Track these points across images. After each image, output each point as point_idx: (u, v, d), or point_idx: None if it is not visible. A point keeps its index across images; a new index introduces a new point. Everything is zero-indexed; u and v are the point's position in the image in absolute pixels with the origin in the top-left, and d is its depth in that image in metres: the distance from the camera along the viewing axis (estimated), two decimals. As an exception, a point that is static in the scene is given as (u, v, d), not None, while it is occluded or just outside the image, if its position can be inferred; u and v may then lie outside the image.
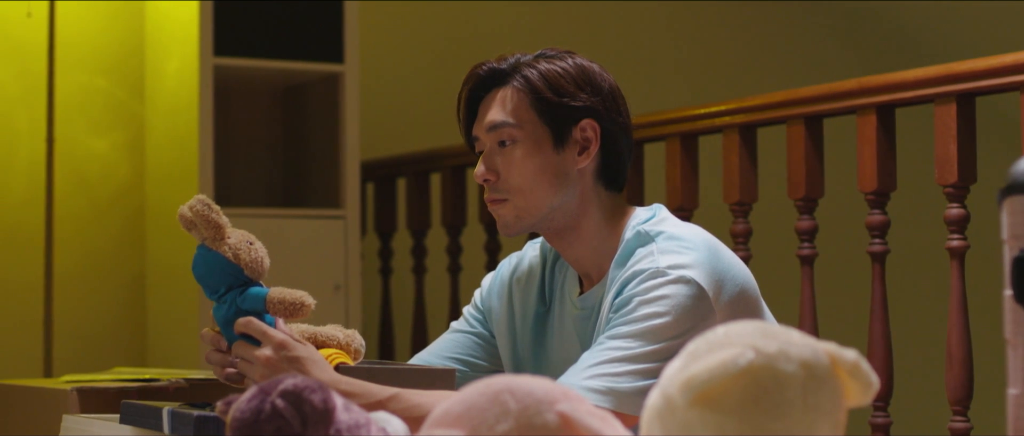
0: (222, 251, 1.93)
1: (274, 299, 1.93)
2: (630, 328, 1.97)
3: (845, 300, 4.44)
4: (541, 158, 2.11)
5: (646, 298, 1.98)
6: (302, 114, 4.35)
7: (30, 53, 4.21)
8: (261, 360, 1.92)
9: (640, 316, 1.98)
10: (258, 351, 1.93)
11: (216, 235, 1.94)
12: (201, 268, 1.96)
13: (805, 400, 1.29)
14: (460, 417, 1.32)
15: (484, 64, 2.17)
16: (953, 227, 2.84)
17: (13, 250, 4.25)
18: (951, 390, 2.81)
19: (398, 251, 4.63)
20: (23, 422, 2.55)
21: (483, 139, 2.15)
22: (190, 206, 1.94)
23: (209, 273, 1.95)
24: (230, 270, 1.94)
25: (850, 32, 5.71)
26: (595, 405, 1.89)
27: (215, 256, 1.94)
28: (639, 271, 2.01)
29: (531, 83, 2.12)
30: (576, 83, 2.13)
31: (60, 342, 4.15)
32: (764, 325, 1.33)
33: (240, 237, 1.95)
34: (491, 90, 2.15)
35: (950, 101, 2.85)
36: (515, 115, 2.11)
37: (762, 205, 3.50)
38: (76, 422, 2.11)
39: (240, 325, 1.95)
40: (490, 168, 2.13)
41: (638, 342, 1.96)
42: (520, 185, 2.11)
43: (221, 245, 1.93)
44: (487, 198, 2.14)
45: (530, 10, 5.12)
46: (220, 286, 1.95)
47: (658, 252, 2.03)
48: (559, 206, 2.12)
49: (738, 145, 3.33)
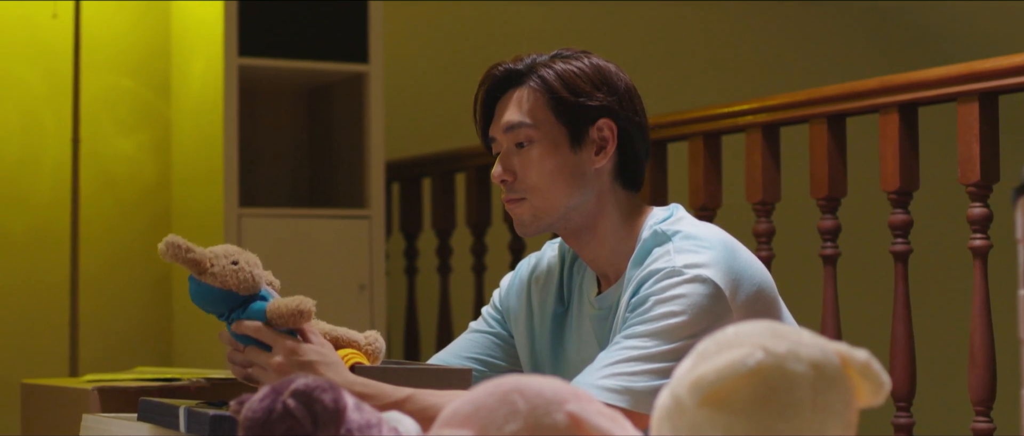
0: (210, 282, 1.97)
1: (273, 314, 1.97)
2: (646, 327, 1.97)
3: (868, 300, 4.42)
4: (558, 158, 2.11)
5: (662, 297, 1.98)
6: (327, 114, 4.36)
7: (56, 54, 4.23)
8: (273, 366, 1.95)
9: (656, 315, 1.97)
10: (270, 357, 1.96)
11: (198, 270, 1.97)
12: (198, 299, 2.00)
13: (815, 400, 1.28)
14: (469, 417, 1.32)
15: (500, 65, 2.17)
16: (976, 226, 2.83)
17: (40, 250, 4.27)
18: (974, 390, 2.79)
19: (423, 251, 4.63)
20: (47, 421, 2.56)
21: (500, 140, 2.15)
22: (162, 252, 1.97)
23: (206, 302, 1.99)
24: (223, 297, 1.97)
25: (877, 32, 5.69)
26: (611, 404, 1.89)
27: (205, 287, 1.97)
28: (655, 270, 2.01)
29: (547, 83, 2.12)
30: (592, 83, 2.13)
31: (86, 342, 4.16)
32: (774, 325, 1.33)
33: (223, 262, 1.98)
34: (507, 91, 2.16)
35: (973, 100, 2.84)
36: (532, 115, 2.12)
37: (785, 205, 3.49)
38: (96, 421, 2.12)
39: (250, 331, 1.97)
40: (507, 169, 2.13)
41: (654, 341, 1.96)
42: (537, 185, 2.11)
43: (206, 277, 1.97)
44: (504, 198, 2.15)
45: (555, 10, 5.12)
46: (222, 310, 1.99)
47: (674, 251, 2.03)
48: (576, 206, 2.12)
49: (761, 144, 3.32)
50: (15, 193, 4.28)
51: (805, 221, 3.81)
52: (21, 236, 4.28)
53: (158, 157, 4.41)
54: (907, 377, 2.97)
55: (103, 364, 4.00)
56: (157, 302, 4.39)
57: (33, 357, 4.23)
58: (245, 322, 1.98)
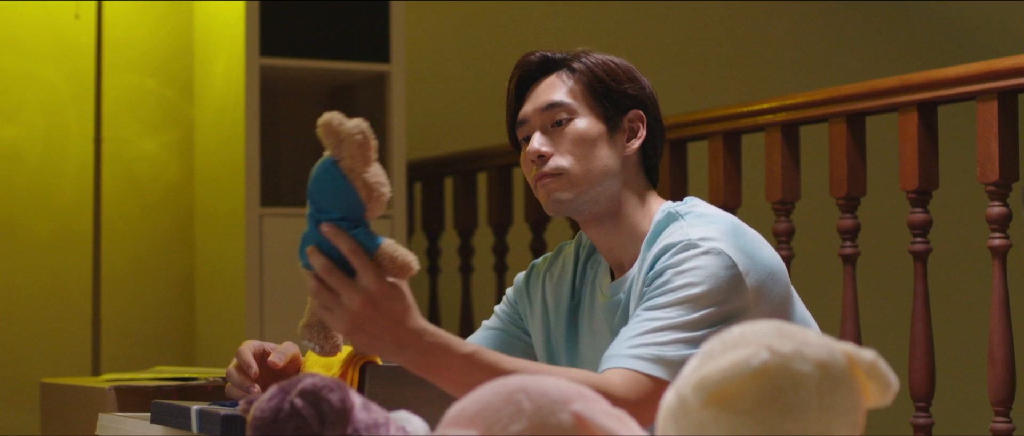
0: (354, 182, 1.67)
1: (386, 253, 1.67)
2: (668, 298, 1.97)
3: (887, 299, 4.41)
4: (596, 137, 2.14)
5: (681, 269, 1.99)
6: (349, 114, 4.28)
7: (80, 55, 4.25)
8: (357, 299, 1.69)
9: (676, 286, 1.98)
10: (356, 288, 1.69)
11: (357, 165, 1.67)
12: (323, 184, 1.68)
13: (821, 401, 1.28)
14: (474, 417, 1.32)
15: (535, 53, 2.21)
16: (995, 225, 2.82)
17: (63, 250, 4.29)
18: (993, 390, 2.78)
19: (445, 250, 4.63)
20: (65, 420, 2.58)
21: (533, 120, 2.16)
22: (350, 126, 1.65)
23: (328, 194, 1.68)
24: (354, 204, 1.68)
25: (903, 30, 5.67)
26: (646, 373, 1.89)
27: (345, 182, 1.67)
28: (671, 244, 2.03)
29: (589, 68, 2.17)
30: (627, 75, 2.18)
31: (108, 342, 4.18)
32: (781, 325, 1.32)
33: (378, 176, 1.69)
34: (541, 77, 2.19)
35: (992, 98, 2.83)
36: (572, 96, 2.16)
37: (805, 204, 3.48)
38: (112, 420, 2.13)
39: (346, 248, 1.68)
40: (548, 145, 2.14)
41: (678, 310, 1.96)
42: (576, 160, 2.13)
43: (357, 176, 1.67)
44: (537, 175, 2.14)
45: (575, 9, 5.12)
46: (333, 210, 1.69)
47: (688, 226, 2.05)
48: (606, 188, 2.15)
49: (780, 143, 3.31)
50: (39, 193, 4.30)
51: (825, 220, 3.80)
52: (45, 236, 4.30)
53: (181, 157, 4.42)
54: (926, 377, 2.96)
55: (125, 364, 4.02)
56: (180, 302, 4.40)
57: (55, 357, 4.25)
58: (347, 234, 1.68)
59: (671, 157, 3.64)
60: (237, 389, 2.03)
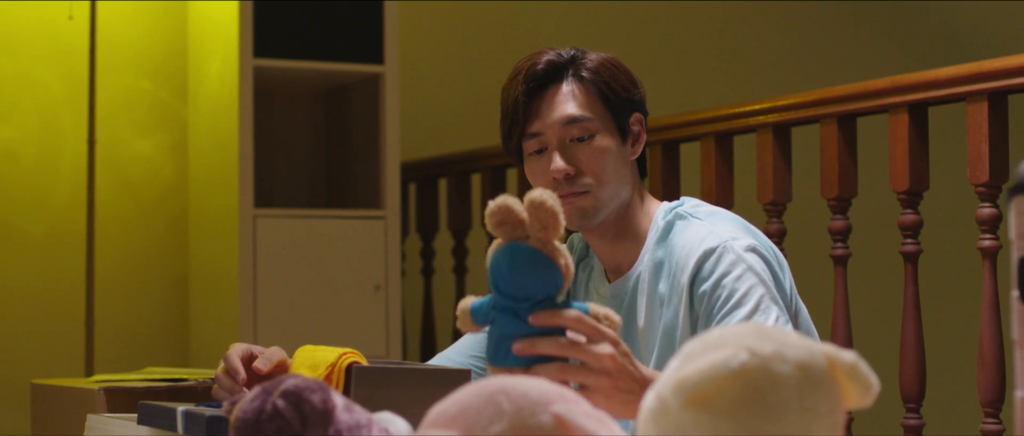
0: (552, 255, 1.58)
1: (599, 312, 1.66)
2: (745, 310, 2.01)
3: (878, 300, 4.40)
4: (616, 149, 2.16)
5: (734, 275, 2.04)
6: (343, 115, 4.37)
7: (74, 55, 4.25)
8: (607, 360, 1.67)
9: (743, 294, 2.02)
10: (601, 350, 1.67)
11: (550, 235, 1.57)
12: (523, 270, 1.58)
13: (801, 402, 1.28)
14: (455, 418, 1.32)
15: (540, 58, 2.17)
16: (985, 227, 2.82)
17: (57, 251, 4.29)
18: (983, 391, 2.78)
19: (440, 251, 4.64)
20: (56, 421, 2.57)
21: (549, 134, 2.15)
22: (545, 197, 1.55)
23: (530, 277, 1.58)
24: (556, 277, 1.59)
25: (899, 31, 5.67)
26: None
27: (544, 257, 1.57)
28: (709, 250, 2.06)
29: (597, 75, 2.16)
30: (628, 78, 2.20)
31: (102, 343, 4.18)
32: (761, 327, 1.32)
33: (561, 244, 1.60)
34: (548, 86, 2.16)
35: (982, 99, 2.83)
36: (590, 109, 2.15)
37: (796, 205, 3.48)
38: (99, 421, 2.13)
39: (572, 321, 1.62)
40: (570, 162, 2.13)
41: (763, 316, 2.01)
42: (603, 176, 2.14)
43: (552, 248, 1.58)
44: (563, 193, 2.12)
45: (569, 10, 5.12)
46: (536, 293, 1.59)
47: (710, 224, 2.10)
48: (621, 197, 2.17)
49: (772, 144, 3.32)
50: (33, 194, 4.30)
51: (816, 222, 3.80)
52: (39, 237, 4.30)
53: (176, 158, 4.43)
54: (917, 378, 2.96)
55: (119, 365, 4.02)
56: (174, 304, 4.40)
57: (49, 358, 4.25)
58: (560, 309, 1.61)
59: (664, 158, 3.64)
60: (224, 393, 2.03)
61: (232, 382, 2.03)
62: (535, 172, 2.17)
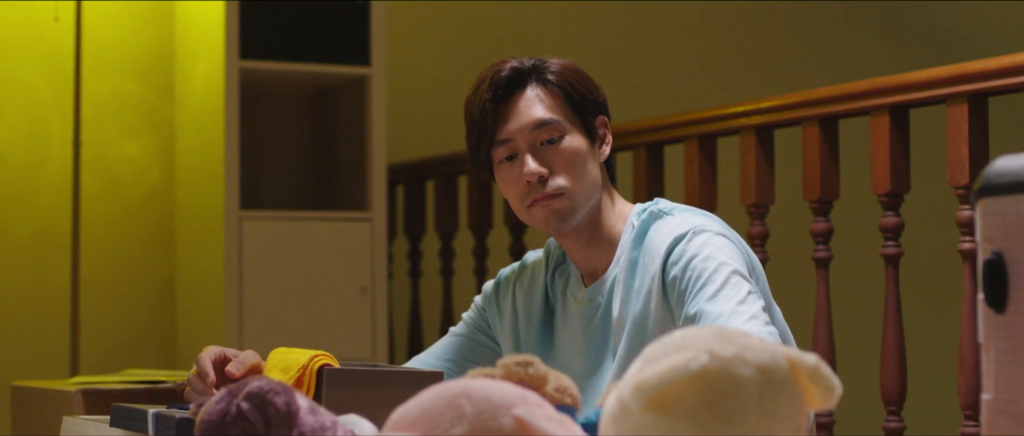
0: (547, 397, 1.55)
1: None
2: (713, 287, 2.00)
3: (859, 303, 4.41)
4: (586, 150, 2.16)
5: (703, 255, 2.03)
6: (330, 117, 4.36)
7: (60, 57, 4.25)
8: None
9: (712, 271, 2.01)
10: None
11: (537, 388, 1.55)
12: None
13: (762, 405, 1.28)
14: (416, 420, 1.32)
15: (502, 69, 2.17)
16: (965, 229, 2.82)
17: (43, 253, 4.29)
18: (963, 395, 2.78)
19: (427, 253, 4.63)
20: (36, 422, 2.58)
21: (519, 139, 2.15)
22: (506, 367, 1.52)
23: None
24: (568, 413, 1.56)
25: (879, 32, 5.67)
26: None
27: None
28: (680, 235, 2.07)
29: (564, 79, 2.17)
30: (590, 81, 2.20)
31: (87, 345, 4.18)
32: (723, 330, 1.32)
33: (557, 379, 1.56)
34: (514, 92, 2.17)
35: (962, 101, 2.83)
36: (558, 111, 2.16)
37: (779, 207, 3.49)
38: (74, 423, 2.13)
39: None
40: (543, 164, 2.13)
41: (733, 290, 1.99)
42: (576, 176, 2.14)
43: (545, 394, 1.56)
44: (537, 197, 2.14)
45: (554, 12, 5.12)
46: None
47: (682, 217, 2.11)
48: (594, 199, 2.18)
49: (755, 147, 3.32)
50: (20, 195, 4.30)
51: (798, 224, 3.80)
52: (25, 238, 4.30)
53: (162, 160, 4.42)
54: (897, 381, 2.96)
55: (104, 367, 4.02)
56: (160, 306, 4.40)
57: (34, 359, 4.25)
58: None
59: (647, 160, 3.64)
60: (195, 395, 2.04)
61: (203, 385, 2.03)
62: (507, 180, 2.16)
